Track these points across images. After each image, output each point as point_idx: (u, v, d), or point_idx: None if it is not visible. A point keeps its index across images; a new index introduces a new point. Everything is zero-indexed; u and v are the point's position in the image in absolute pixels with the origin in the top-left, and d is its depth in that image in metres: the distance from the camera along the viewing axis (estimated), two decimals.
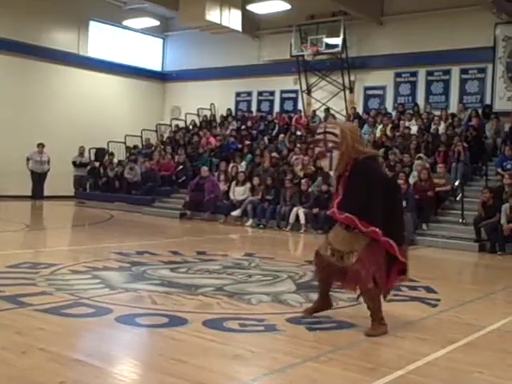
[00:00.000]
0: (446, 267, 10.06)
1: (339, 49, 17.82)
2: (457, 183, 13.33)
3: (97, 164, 19.31)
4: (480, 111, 15.82)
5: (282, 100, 20.30)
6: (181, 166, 17.49)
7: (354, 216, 4.80)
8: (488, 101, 16.16)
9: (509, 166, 13.07)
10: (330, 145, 4.88)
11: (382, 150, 14.98)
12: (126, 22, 21.21)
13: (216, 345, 4.46)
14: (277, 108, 20.25)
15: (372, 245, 4.83)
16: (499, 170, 13.17)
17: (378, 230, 4.76)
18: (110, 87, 21.38)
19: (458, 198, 12.95)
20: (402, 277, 5.14)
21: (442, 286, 7.19)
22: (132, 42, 22.39)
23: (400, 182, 12.53)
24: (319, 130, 5.02)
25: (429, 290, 6.98)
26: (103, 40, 21.55)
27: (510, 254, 10.79)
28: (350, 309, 5.81)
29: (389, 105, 17.82)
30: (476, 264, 10.60)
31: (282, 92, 20.20)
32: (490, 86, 16.18)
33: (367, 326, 4.94)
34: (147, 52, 22.86)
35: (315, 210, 13.12)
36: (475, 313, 6.01)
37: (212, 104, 21.39)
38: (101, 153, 19.79)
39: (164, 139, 20.63)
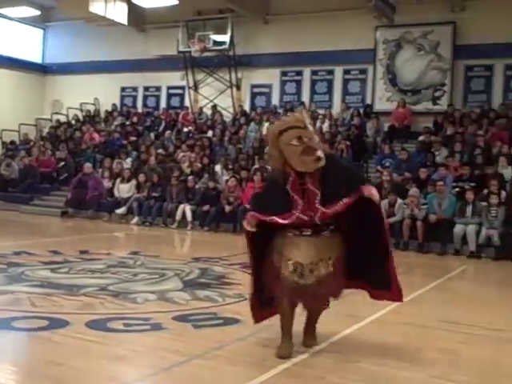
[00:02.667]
0: None
1: (226, 46, 17.86)
2: None
3: None
4: (361, 111, 16.43)
5: (169, 96, 20.06)
6: (62, 163, 16.84)
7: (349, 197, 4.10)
8: (369, 101, 16.81)
9: (387, 164, 13.67)
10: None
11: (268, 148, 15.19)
12: (2, 11, 20.09)
13: (99, 346, 4.32)
14: (163, 104, 19.99)
15: (342, 249, 4.26)
16: (379, 167, 13.74)
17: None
18: None
19: None
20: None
21: None
22: (9, 32, 21.21)
23: None
24: (308, 130, 4.12)
25: None
26: None
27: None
28: (236, 305, 5.83)
29: (275, 103, 18.08)
30: None
31: (169, 88, 19.96)
32: (370, 86, 16.86)
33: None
34: (26, 43, 21.76)
35: (205, 208, 13.09)
36: (356, 305, 6.18)
37: (96, 99, 20.75)
38: None
39: (44, 134, 19.78)
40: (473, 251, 10.65)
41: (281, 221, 4.10)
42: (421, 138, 14.51)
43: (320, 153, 4.07)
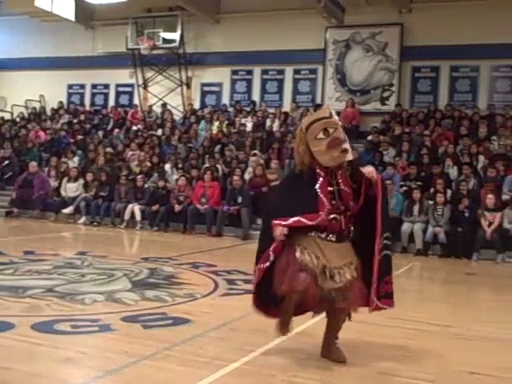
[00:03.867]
0: None
1: (176, 44, 17.74)
2: None
3: None
4: (311, 110, 16.50)
5: (118, 94, 19.79)
6: (6, 161, 16.39)
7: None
8: (319, 100, 16.96)
9: None
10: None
11: (219, 147, 15.18)
12: None
13: (45, 348, 4.21)
14: (112, 102, 19.71)
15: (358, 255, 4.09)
16: None
17: None
18: None
19: None
20: None
21: None
22: None
23: (236, 178, 12.80)
24: (333, 119, 4.01)
25: None
26: None
27: None
28: (186, 305, 5.79)
29: (225, 102, 18.06)
30: None
31: (118, 86, 19.69)
32: (320, 86, 17.02)
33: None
34: None
35: (155, 207, 12.95)
36: None
37: (41, 96, 20.28)
38: None
39: None
40: (420, 249, 10.87)
41: (309, 222, 3.91)
42: (369, 137, 14.73)
43: (347, 145, 3.95)
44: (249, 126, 16.21)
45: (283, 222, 3.91)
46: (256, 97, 17.77)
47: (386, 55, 16.20)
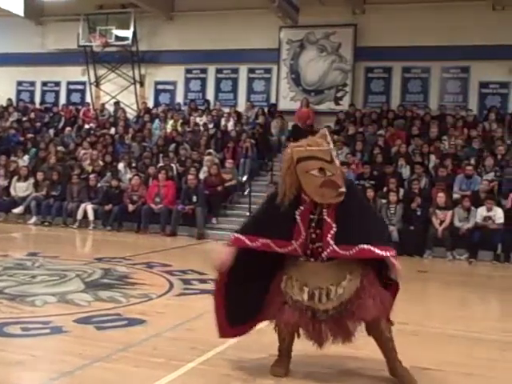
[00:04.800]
0: None
1: (129, 41, 17.49)
2: (245, 178, 13.84)
3: None
4: (266, 110, 16.59)
5: (69, 91, 19.40)
6: None
7: (368, 245, 3.63)
8: (273, 100, 16.99)
9: None
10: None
11: (173, 146, 15.06)
12: None
13: None
14: (63, 100, 19.32)
15: (370, 274, 3.79)
16: None
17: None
18: None
19: (245, 193, 13.44)
20: None
21: None
22: None
23: (190, 177, 12.72)
24: (333, 165, 3.64)
25: None
26: None
27: None
28: (140, 305, 5.73)
29: (179, 100, 17.93)
30: None
31: (69, 83, 19.30)
32: (275, 86, 17.06)
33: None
34: None
35: (108, 207, 12.76)
36: None
37: None
38: None
39: None
40: None
41: (278, 249, 3.70)
42: None
43: (343, 189, 3.62)
44: (203, 125, 16.11)
45: (248, 242, 3.74)
46: (210, 96, 17.69)
47: (340, 55, 16.34)
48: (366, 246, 3.60)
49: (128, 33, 17.45)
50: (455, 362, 4.35)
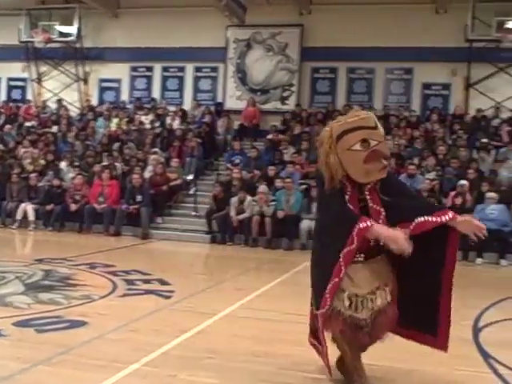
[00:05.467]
0: (179, 259, 10.29)
1: (73, 38, 17.12)
2: (190, 177, 13.74)
3: None
4: (212, 109, 16.53)
5: (9, 88, 18.83)
6: None
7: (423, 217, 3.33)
8: (220, 99, 16.95)
9: (237, 161, 13.85)
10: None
11: (118, 145, 14.83)
12: None
13: None
14: (3, 97, 18.74)
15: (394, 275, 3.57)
16: (229, 164, 13.89)
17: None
18: None
19: (191, 192, 13.36)
20: None
21: (175, 278, 7.30)
22: None
23: (135, 176, 12.54)
24: (378, 131, 3.38)
25: (162, 282, 7.04)
26: None
27: (239, 245, 11.43)
28: (82, 307, 5.61)
29: (125, 98, 17.67)
30: (208, 255, 11.02)
31: (9, 79, 18.76)
32: (221, 85, 17.01)
33: None
34: None
35: (49, 207, 12.45)
36: (207, 301, 6.21)
37: None
38: None
39: None
40: None
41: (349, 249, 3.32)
42: (269, 136, 14.87)
43: (387, 161, 3.37)
44: (149, 124, 15.90)
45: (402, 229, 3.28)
46: (156, 94, 17.51)
47: (287, 55, 16.42)
48: (422, 219, 3.30)
49: (72, 29, 17.10)
50: (395, 357, 4.37)
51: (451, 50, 14.82)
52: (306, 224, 11.15)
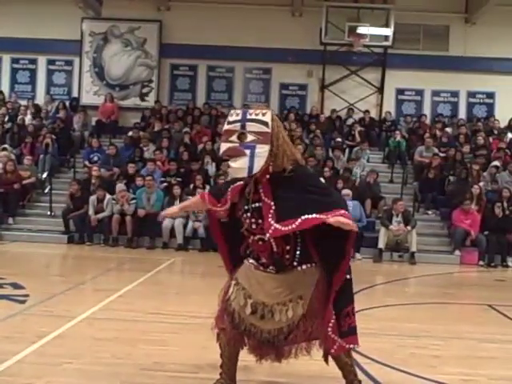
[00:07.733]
0: (33, 261, 9.74)
1: None
2: (45, 175, 13.13)
3: None
4: (68, 104, 15.89)
5: None
6: None
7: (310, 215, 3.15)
8: (75, 94, 16.36)
9: (96, 159, 13.42)
10: (254, 138, 3.16)
11: None
12: None
13: None
14: None
15: (320, 285, 3.35)
16: (87, 162, 13.43)
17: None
18: None
19: (46, 191, 12.77)
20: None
21: (30, 281, 6.91)
22: None
23: None
24: (241, 117, 3.21)
25: (16, 286, 6.65)
26: None
27: (98, 244, 11.08)
28: None
29: None
30: (65, 256, 10.56)
31: None
32: (77, 79, 16.39)
33: None
34: None
35: None
36: (65, 304, 5.94)
37: None
38: None
39: None
40: (180, 244, 11.02)
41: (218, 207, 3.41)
42: (129, 133, 14.57)
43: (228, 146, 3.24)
44: None
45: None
46: (5, 87, 16.51)
47: (145, 51, 16.18)
48: (310, 216, 3.14)
49: None
50: None
51: (307, 52, 15.38)
52: (168, 222, 11.03)
